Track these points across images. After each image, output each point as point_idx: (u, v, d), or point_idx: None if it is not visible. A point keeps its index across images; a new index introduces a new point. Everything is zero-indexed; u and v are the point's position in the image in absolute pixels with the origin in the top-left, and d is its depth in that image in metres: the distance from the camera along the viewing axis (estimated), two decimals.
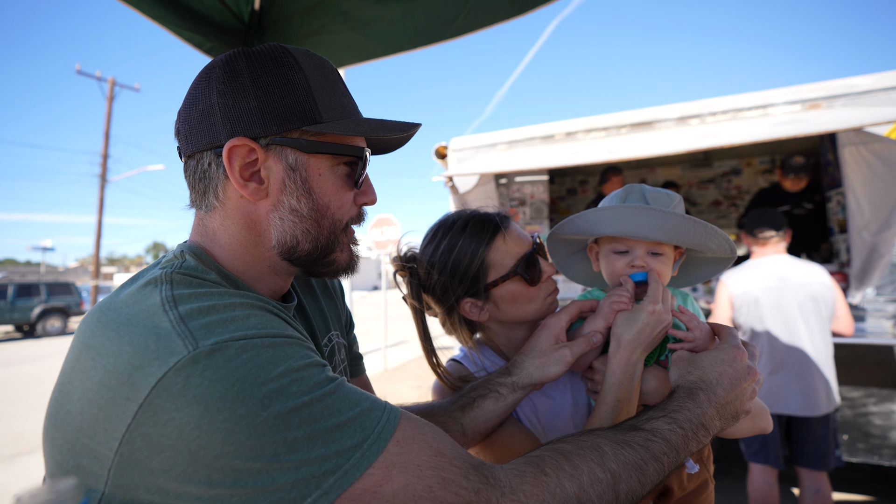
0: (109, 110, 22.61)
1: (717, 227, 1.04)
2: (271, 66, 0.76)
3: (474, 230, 1.13)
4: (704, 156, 6.29)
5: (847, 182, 3.42)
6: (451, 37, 1.73)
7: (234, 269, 0.79)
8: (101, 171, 22.53)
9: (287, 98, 0.75)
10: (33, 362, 11.64)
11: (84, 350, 0.63)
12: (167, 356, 0.57)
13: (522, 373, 1.04)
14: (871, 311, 3.43)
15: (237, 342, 0.60)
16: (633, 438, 0.75)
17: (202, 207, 0.80)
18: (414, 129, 0.85)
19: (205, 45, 1.72)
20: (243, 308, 0.66)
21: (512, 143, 4.43)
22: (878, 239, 3.33)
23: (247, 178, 0.75)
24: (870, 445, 3.28)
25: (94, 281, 21.51)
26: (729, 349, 0.93)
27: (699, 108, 3.98)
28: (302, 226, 0.79)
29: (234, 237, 0.79)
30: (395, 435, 0.63)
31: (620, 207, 1.04)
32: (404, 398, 7.20)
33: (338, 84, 0.83)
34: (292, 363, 0.62)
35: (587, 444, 0.73)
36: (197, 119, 0.76)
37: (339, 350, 1.05)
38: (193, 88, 0.78)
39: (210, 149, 0.76)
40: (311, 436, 0.59)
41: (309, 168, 0.78)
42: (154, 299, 0.64)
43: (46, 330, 18.63)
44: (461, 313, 1.16)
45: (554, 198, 6.93)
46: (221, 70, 0.76)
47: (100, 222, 22.05)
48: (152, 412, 0.56)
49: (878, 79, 3.45)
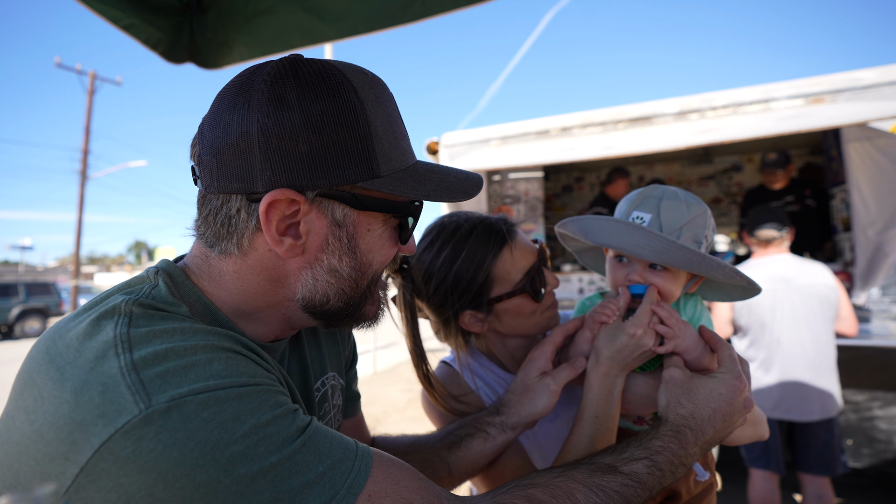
0: (90, 105, 21.89)
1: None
2: (326, 99, 0.64)
3: (479, 240, 1.07)
4: (704, 152, 6.22)
5: (851, 179, 3.37)
6: (408, 21, 1.65)
7: (232, 307, 0.71)
8: (82, 168, 22.03)
9: (343, 145, 0.64)
10: (11, 365, 11.40)
11: (29, 385, 0.57)
12: (114, 415, 0.51)
13: (511, 411, 1.00)
14: (877, 311, 3.38)
15: (197, 396, 0.53)
16: (610, 484, 0.71)
17: (215, 249, 0.70)
18: (477, 190, 0.77)
19: (122, 20, 1.58)
20: (206, 351, 0.59)
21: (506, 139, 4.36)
22: (884, 237, 3.31)
23: (282, 233, 0.66)
24: (874, 450, 3.21)
25: (74, 281, 20.97)
26: (730, 381, 0.87)
27: (699, 103, 3.91)
28: (338, 286, 0.71)
29: (248, 285, 0.70)
30: (366, 488, 0.59)
31: (614, 222, 1.00)
32: (394, 402, 7.12)
33: (397, 122, 0.72)
34: (260, 417, 0.56)
35: (560, 491, 0.68)
36: (230, 154, 0.64)
37: (334, 394, 0.96)
38: (226, 111, 0.65)
39: (242, 193, 0.65)
40: (276, 498, 0.54)
41: (358, 225, 0.70)
42: (107, 335, 0.57)
43: (25, 331, 18.16)
44: (459, 325, 1.12)
45: (549, 195, 6.86)
46: (265, 95, 0.63)
47: (80, 220, 21.51)
48: (96, 476, 0.50)
49: (883, 72, 3.39)
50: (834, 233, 4.09)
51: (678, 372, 0.90)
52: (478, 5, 1.58)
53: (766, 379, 2.89)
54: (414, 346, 1.11)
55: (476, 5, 1.58)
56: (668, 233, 0.98)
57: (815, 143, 4.77)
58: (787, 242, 3.01)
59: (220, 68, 1.81)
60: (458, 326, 1.12)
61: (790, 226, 3.01)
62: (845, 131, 3.38)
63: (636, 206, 1.03)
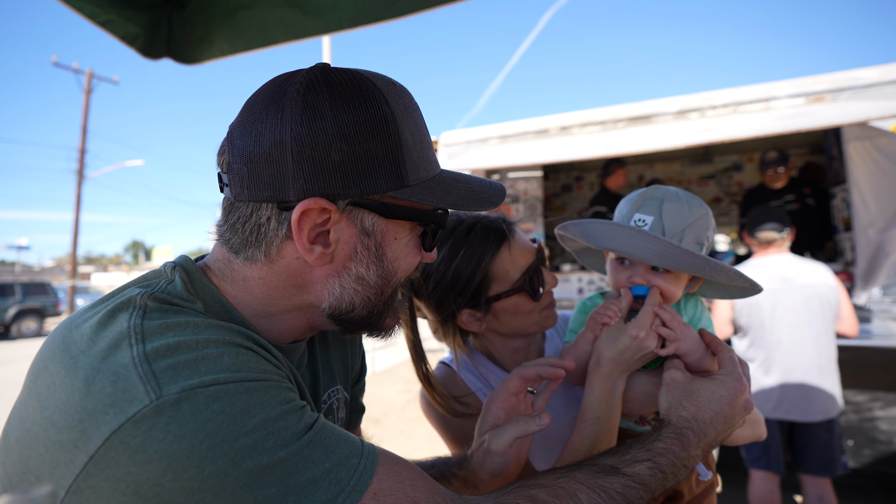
0: (87, 104, 21.96)
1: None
2: (359, 109, 0.65)
3: (478, 238, 1.07)
4: (704, 151, 6.19)
5: (852, 178, 3.36)
6: (394, 16, 1.62)
7: (255, 308, 0.72)
8: (79, 167, 22.08)
9: (376, 154, 0.65)
10: (7, 365, 11.33)
11: (43, 372, 0.58)
12: (125, 404, 0.51)
13: (472, 467, 0.94)
14: (877, 312, 3.37)
15: (207, 389, 0.54)
16: (612, 485, 0.71)
17: (240, 255, 0.70)
18: (502, 199, 0.79)
19: (99, 15, 1.54)
20: (217, 345, 0.59)
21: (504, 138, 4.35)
22: (885, 237, 3.29)
23: (312, 241, 0.67)
24: (875, 451, 3.20)
25: (70, 281, 20.98)
26: (731, 384, 0.87)
27: (699, 102, 3.92)
28: (364, 294, 0.72)
29: (274, 290, 0.71)
30: (372, 486, 0.60)
31: (616, 226, 1.00)
32: (392, 403, 7.08)
33: (424, 132, 0.73)
34: (269, 411, 0.57)
35: (563, 491, 0.68)
36: (262, 162, 0.64)
37: (339, 407, 0.97)
38: (258, 119, 0.65)
39: (274, 202, 0.66)
40: (283, 492, 0.54)
41: (386, 234, 0.71)
42: (121, 326, 0.58)
43: (22, 332, 18.03)
44: (458, 323, 1.11)
45: (548, 194, 6.84)
46: (299, 105, 0.63)
47: (77, 220, 21.56)
48: (105, 465, 0.50)
49: (884, 71, 3.40)
50: (835, 232, 4.07)
51: (679, 374, 0.90)
52: (463, 1, 1.56)
53: (766, 379, 2.88)
54: (413, 345, 1.10)
55: (461, 1, 1.56)
56: (671, 235, 0.98)
57: (816, 142, 4.75)
58: (787, 243, 3.00)
59: (199, 63, 1.78)
60: (456, 325, 1.12)
61: (791, 226, 3.00)
62: (846, 130, 3.36)
63: (637, 207, 1.02)
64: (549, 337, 1.27)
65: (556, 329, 1.28)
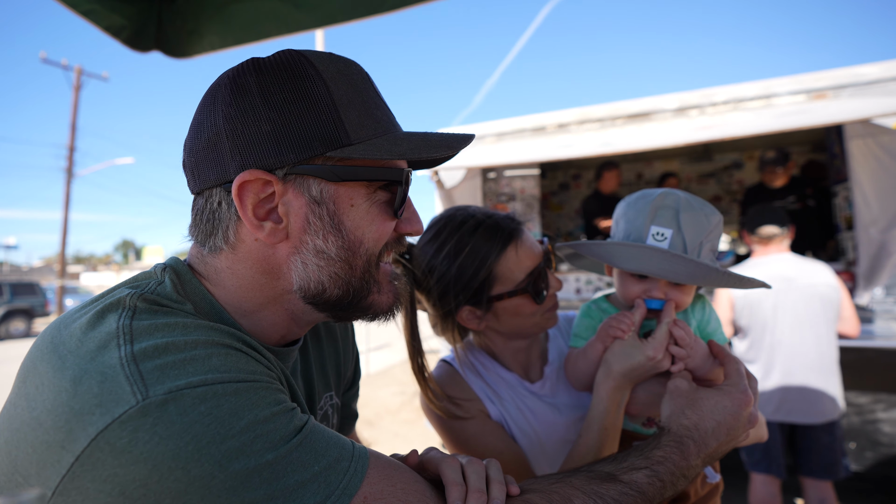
0: (76, 100, 21.60)
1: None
2: (285, 79, 0.66)
3: (485, 236, 1.06)
4: (704, 149, 6.17)
5: (854, 176, 3.34)
6: (387, 9, 1.61)
7: (234, 305, 0.71)
8: (68, 165, 21.85)
9: (306, 117, 0.65)
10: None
11: (32, 372, 0.59)
12: (111, 405, 0.51)
13: None
14: (880, 312, 3.35)
15: (195, 390, 0.54)
16: (609, 492, 0.70)
17: (205, 247, 0.71)
18: (464, 143, 0.75)
19: (81, 5, 1.52)
20: (206, 346, 0.59)
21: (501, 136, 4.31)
22: (887, 236, 3.28)
23: (262, 218, 0.67)
24: (877, 454, 3.17)
25: (59, 281, 20.64)
26: (736, 395, 0.86)
27: (699, 99, 3.90)
28: (329, 269, 0.69)
29: (243, 280, 0.70)
30: (362, 489, 0.59)
31: (641, 248, 0.98)
32: (387, 405, 7.03)
33: (368, 93, 0.72)
34: (257, 413, 0.56)
35: (558, 496, 0.68)
36: (203, 150, 0.67)
37: (333, 415, 0.96)
38: (199, 113, 0.69)
39: (219, 185, 0.67)
40: (271, 496, 0.54)
41: (338, 199, 0.68)
42: (110, 327, 0.58)
43: (10, 332, 17.76)
44: (457, 319, 1.12)
45: (545, 193, 6.82)
46: (227, 88, 0.67)
47: (66, 219, 21.33)
48: (91, 466, 0.50)
49: (886, 67, 3.39)
50: (837, 231, 4.05)
51: (684, 383, 0.91)
52: None
53: (767, 381, 2.85)
54: (411, 338, 1.09)
55: None
56: (692, 248, 0.99)
57: (818, 139, 4.72)
58: (787, 240, 2.97)
59: (189, 57, 1.76)
60: (455, 321, 1.12)
61: (790, 224, 2.98)
62: (848, 128, 3.34)
63: (653, 220, 1.00)
64: (552, 337, 1.26)
65: (559, 329, 1.28)
